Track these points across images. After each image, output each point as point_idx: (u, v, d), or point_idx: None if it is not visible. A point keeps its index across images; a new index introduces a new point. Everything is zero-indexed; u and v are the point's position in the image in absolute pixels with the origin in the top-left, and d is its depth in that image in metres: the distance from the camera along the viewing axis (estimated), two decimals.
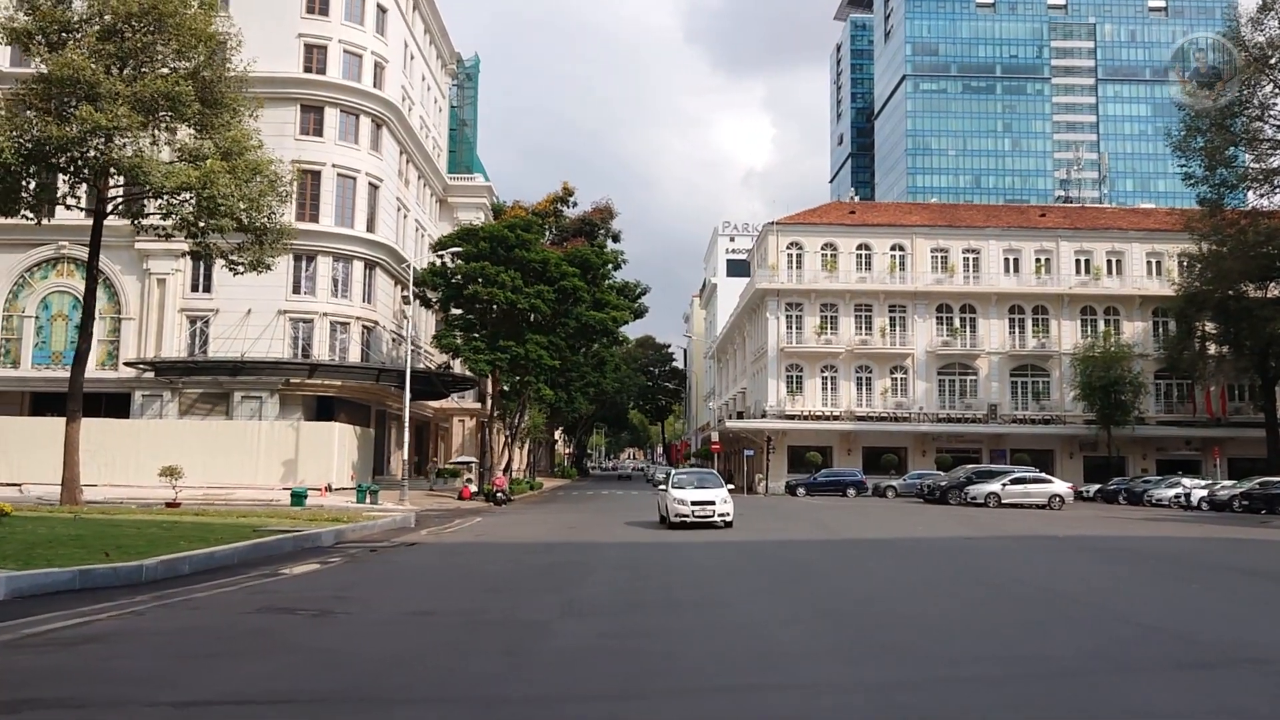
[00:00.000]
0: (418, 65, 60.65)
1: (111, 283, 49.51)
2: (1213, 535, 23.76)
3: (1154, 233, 65.12)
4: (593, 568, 15.74)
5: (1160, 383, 64.58)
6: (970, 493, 41.69)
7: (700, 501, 24.64)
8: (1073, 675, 7.31)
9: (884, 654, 8.36)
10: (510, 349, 46.66)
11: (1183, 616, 10.23)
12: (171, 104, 30.65)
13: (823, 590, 12.79)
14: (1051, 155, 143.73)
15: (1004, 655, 8.32)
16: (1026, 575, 14.49)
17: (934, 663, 7.90)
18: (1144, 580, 13.87)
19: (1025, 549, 18.95)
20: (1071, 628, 9.59)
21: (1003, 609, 10.94)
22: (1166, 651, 8.27)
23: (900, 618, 10.34)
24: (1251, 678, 7.24)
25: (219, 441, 45.15)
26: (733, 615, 10.53)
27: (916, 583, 13.84)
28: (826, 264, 65.74)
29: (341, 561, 16.89)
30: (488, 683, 7.15)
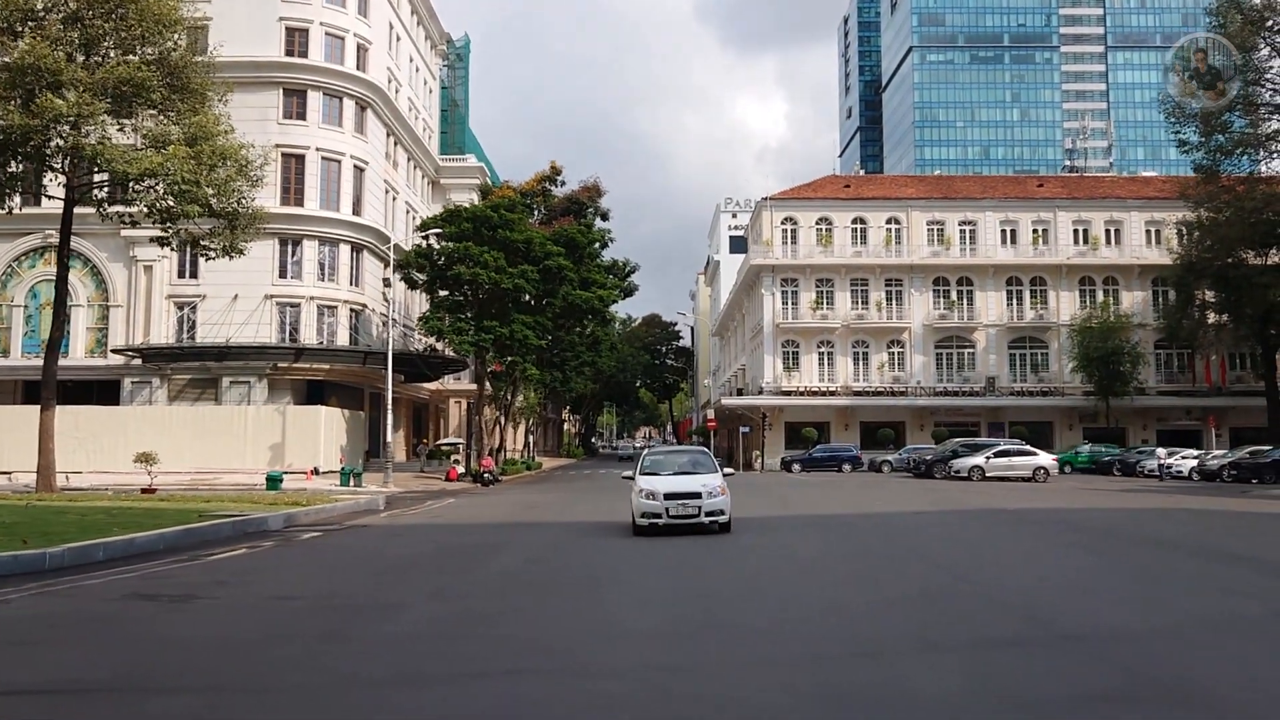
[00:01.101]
0: (405, 46, 60.40)
1: (99, 270, 49.68)
2: (1175, 506, 23.47)
3: (1153, 201, 64.29)
4: (506, 551, 15.65)
5: (1160, 353, 63.95)
6: (954, 466, 41.41)
7: (679, 494, 17.02)
8: (866, 656, 7.16)
9: (711, 632, 8.24)
10: (495, 329, 46.60)
11: (1044, 592, 9.99)
12: (135, 90, 30.63)
13: (712, 571, 12.65)
14: (1061, 125, 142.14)
15: (832, 635, 8.16)
16: (935, 551, 14.28)
17: (750, 642, 7.76)
18: (1047, 555, 13.60)
19: (964, 524, 18.76)
20: (921, 605, 9.40)
21: (872, 589, 10.72)
22: (987, 629, 8.06)
23: (762, 597, 10.19)
24: (1042, 656, 7.02)
25: (206, 427, 45.32)
26: (601, 596, 10.41)
27: (814, 559, 13.82)
28: (822, 239, 65.28)
29: (271, 546, 16.86)
30: (282, 667, 7.07)
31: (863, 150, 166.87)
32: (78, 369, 49.31)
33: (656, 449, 23.38)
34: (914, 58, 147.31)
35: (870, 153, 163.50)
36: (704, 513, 16.87)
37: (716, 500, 17.03)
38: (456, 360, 53.80)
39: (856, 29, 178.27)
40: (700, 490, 17.10)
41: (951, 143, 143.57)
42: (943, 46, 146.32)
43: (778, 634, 8.11)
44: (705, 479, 17.71)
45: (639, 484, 17.70)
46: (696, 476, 17.98)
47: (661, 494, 17.06)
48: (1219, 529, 17.63)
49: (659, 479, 17.89)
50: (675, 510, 16.81)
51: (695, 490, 17.12)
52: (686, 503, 16.86)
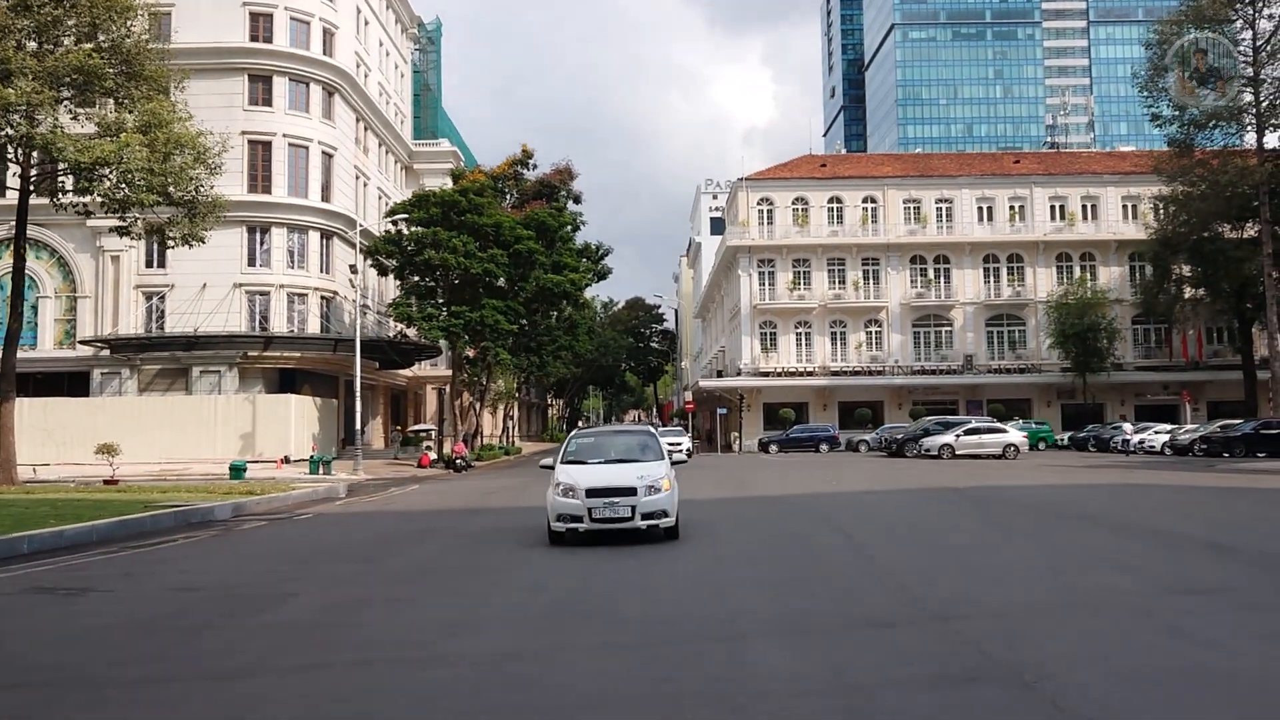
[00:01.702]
0: (373, 31, 59.88)
1: (65, 261, 49.28)
2: (1130, 482, 23.39)
3: (1129, 176, 64.14)
4: (432, 539, 15.50)
5: (1137, 328, 63.97)
6: (925, 445, 41.34)
7: (607, 490, 12.97)
8: (724, 640, 7.00)
9: (576, 617, 8.11)
10: (465, 315, 46.34)
11: (942, 571, 9.79)
12: (87, 78, 30.26)
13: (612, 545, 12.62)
14: (1044, 101, 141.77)
15: (693, 615, 8.02)
16: (856, 529, 14.07)
17: (606, 628, 7.62)
18: (965, 533, 13.39)
19: (904, 502, 18.58)
20: (811, 586, 9.26)
21: (768, 569, 10.59)
22: (865, 609, 7.91)
23: (643, 574, 10.10)
24: (905, 638, 6.87)
25: (176, 417, 45.05)
26: (506, 579, 10.27)
27: (730, 538, 13.87)
28: (798, 219, 65.05)
29: (208, 536, 16.69)
30: (136, 660, 6.94)
31: (846, 130, 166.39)
32: (46, 361, 48.97)
33: (587, 429, 17.63)
34: (896, 35, 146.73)
35: (854, 132, 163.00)
36: (639, 514, 12.74)
37: (658, 499, 12.88)
38: (430, 347, 53.54)
39: (839, 7, 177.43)
40: (635, 484, 12.84)
41: (934, 121, 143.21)
42: (925, 24, 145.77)
43: (645, 618, 7.96)
44: (645, 469, 13.42)
45: (556, 475, 13.53)
46: (634, 465, 13.69)
47: (583, 489, 12.87)
48: (1156, 505, 17.50)
49: (584, 469, 13.67)
50: (601, 512, 12.74)
51: (628, 485, 12.88)
52: (616, 501, 12.74)
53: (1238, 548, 10.97)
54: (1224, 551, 10.65)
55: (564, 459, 14.24)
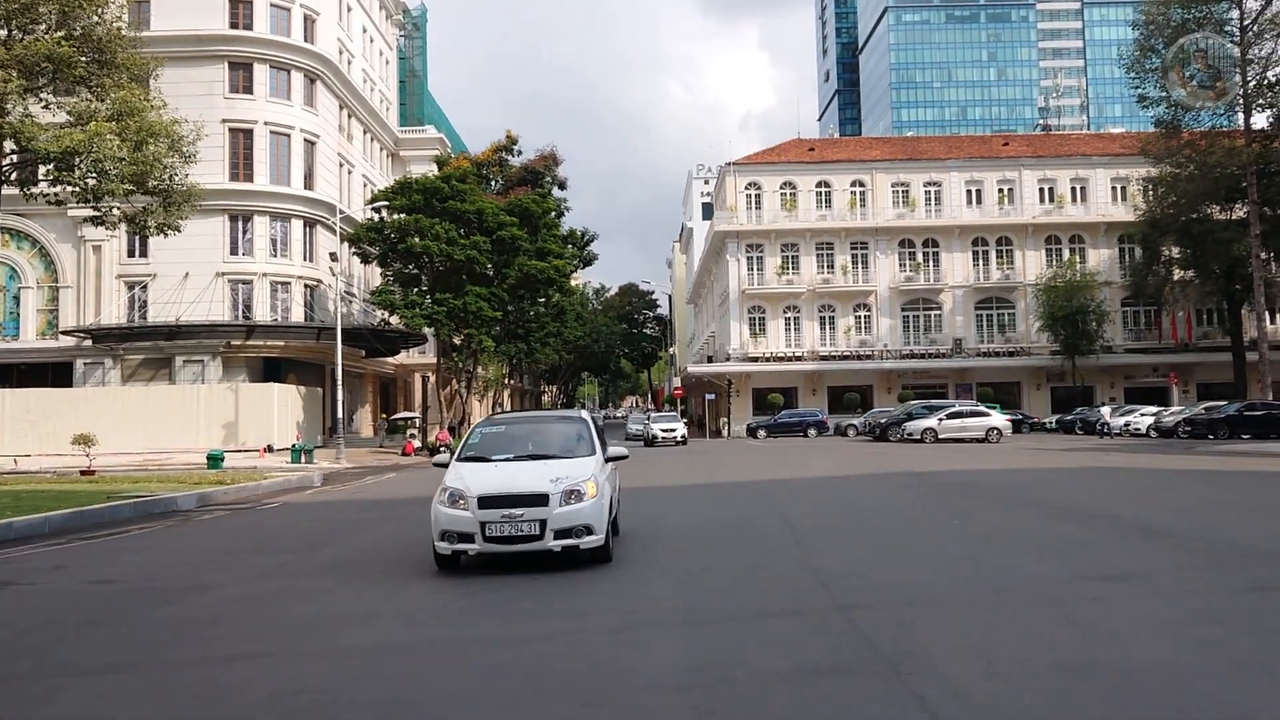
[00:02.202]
0: (357, 17, 59.50)
1: (47, 251, 49.04)
2: (1100, 465, 23.23)
3: (1118, 158, 63.82)
4: (384, 525, 15.39)
5: (1127, 310, 63.78)
6: (907, 429, 41.20)
7: (505, 497, 9.73)
8: (613, 632, 6.86)
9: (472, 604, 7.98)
10: (448, 302, 46.20)
11: (864, 561, 9.51)
12: (56, 66, 30.05)
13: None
14: (1038, 84, 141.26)
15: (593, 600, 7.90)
16: (799, 517, 13.83)
17: (497, 624, 7.49)
18: (905, 519, 13.16)
19: (860, 488, 18.37)
20: (732, 575, 9.09)
21: (695, 559, 10.45)
22: (772, 599, 7.71)
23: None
24: (798, 627, 6.71)
25: (159, 407, 44.89)
26: (410, 571, 10.14)
27: (673, 522, 13.75)
28: (786, 203, 64.79)
29: (161, 527, 16.53)
30: (13, 655, 6.79)
31: (841, 114, 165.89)
32: (29, 351, 48.84)
33: (500, 415, 13.85)
34: (890, 18, 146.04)
35: (849, 116, 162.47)
36: (552, 531, 9.48)
37: (579, 510, 9.62)
38: (415, 335, 53.34)
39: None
40: (547, 490, 9.60)
41: (929, 104, 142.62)
42: (918, 6, 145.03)
43: (536, 601, 7.84)
44: (565, 468, 10.16)
45: (445, 478, 10.29)
46: (551, 464, 10.34)
47: (475, 497, 9.58)
48: (1111, 489, 17.24)
49: (481, 469, 10.34)
50: (498, 528, 9.48)
51: (537, 490, 9.61)
52: (519, 514, 9.48)
53: (1172, 531, 10.80)
54: (1156, 536, 10.49)
55: (462, 455, 10.85)
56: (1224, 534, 10.60)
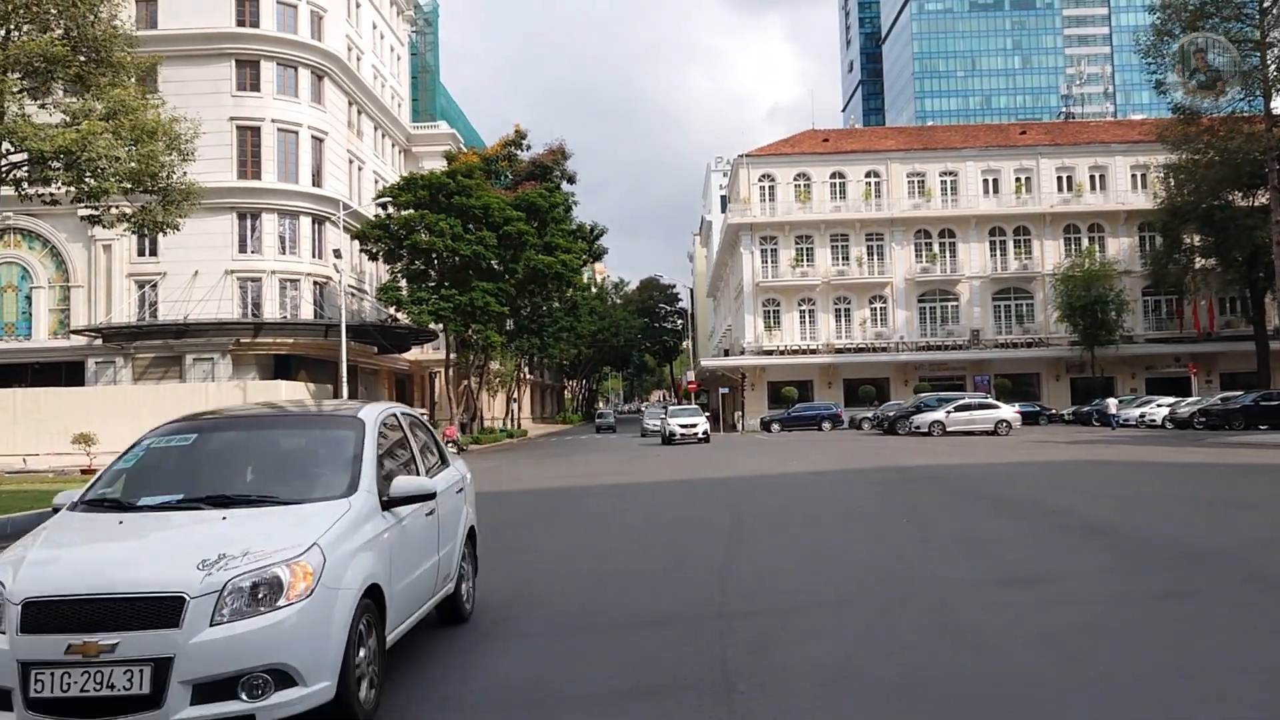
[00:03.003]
0: (366, 13, 59.43)
1: (58, 251, 49.32)
2: (1097, 458, 22.69)
3: (1138, 145, 62.64)
4: None
5: (1148, 299, 62.76)
6: (915, 422, 40.61)
7: (68, 605, 4.45)
8: (485, 638, 6.57)
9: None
10: (454, 298, 46.06)
11: (783, 564, 9.18)
12: (49, 64, 30.05)
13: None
14: (1064, 71, 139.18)
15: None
16: (751, 516, 13.46)
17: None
18: (863, 518, 12.69)
19: (834, 485, 17.83)
20: (641, 579, 8.77)
21: (620, 560, 10.12)
22: (660, 606, 7.33)
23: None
24: (659, 638, 6.38)
25: (168, 405, 44.86)
26: None
27: (619, 524, 13.37)
28: (800, 195, 64.22)
29: None
30: None
31: (865, 104, 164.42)
32: (41, 351, 49.16)
33: (203, 417, 7.17)
34: (912, 7, 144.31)
35: (872, 106, 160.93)
36: (181, 684, 4.38)
37: (263, 627, 4.54)
38: (425, 330, 53.22)
39: None
40: (182, 584, 4.51)
41: (952, 93, 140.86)
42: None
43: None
44: (254, 529, 5.01)
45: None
46: (232, 523, 5.13)
47: (18, 604, 4.54)
48: (1087, 483, 16.57)
49: (87, 532, 5.35)
50: (58, 680, 4.39)
51: (156, 588, 4.53)
52: (105, 645, 4.39)
53: (1117, 530, 10.33)
54: (1098, 534, 10.04)
55: (89, 496, 5.81)
56: (1171, 532, 10.14)
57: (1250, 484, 15.66)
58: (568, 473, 24.67)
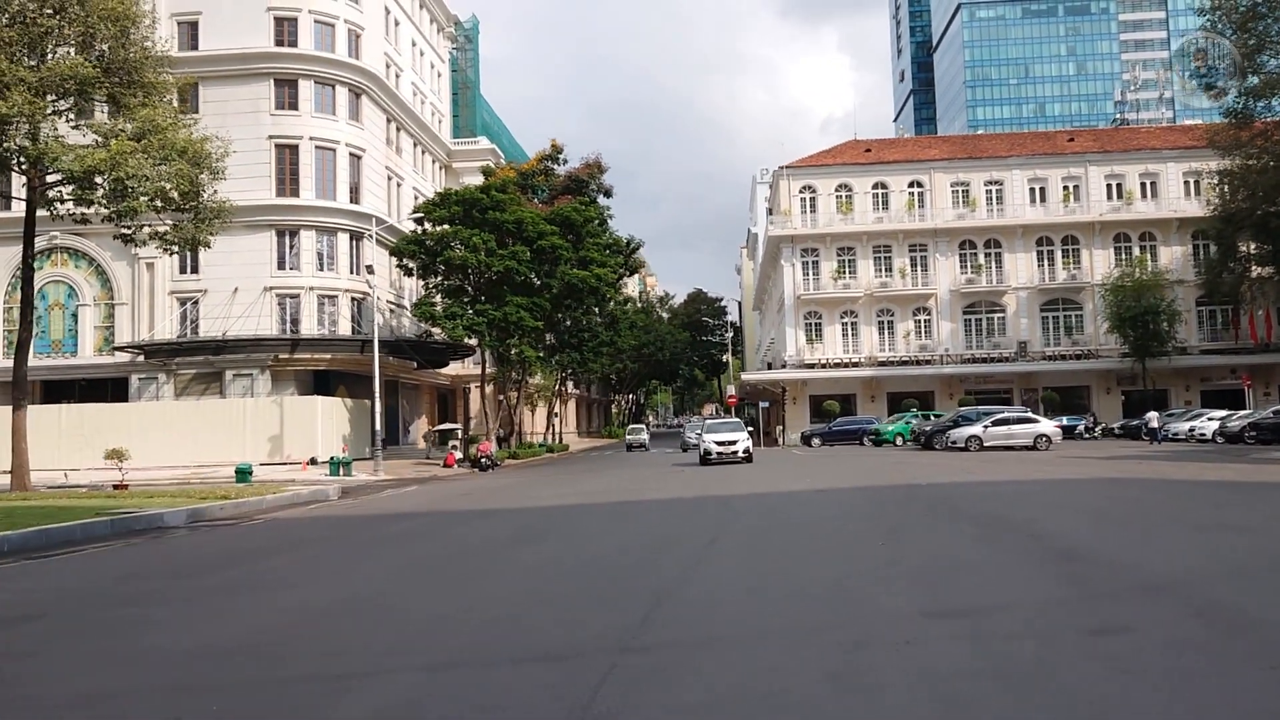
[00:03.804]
0: (405, 31, 59.92)
1: (103, 269, 50.22)
2: (1123, 475, 21.86)
3: (1190, 151, 61.02)
4: (309, 547, 14.99)
5: (1202, 309, 61.05)
6: (951, 437, 39.70)
7: None
8: (319, 679, 6.23)
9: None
10: (488, 312, 46.08)
11: (727, 592, 8.72)
12: (81, 86, 30.53)
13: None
14: (1120, 77, 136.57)
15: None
16: (731, 539, 13.03)
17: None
18: (842, 541, 12.09)
19: (836, 504, 16.98)
20: (555, 609, 8.39)
21: (542, 582, 9.78)
22: (564, 639, 7.01)
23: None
24: (527, 677, 6.02)
25: (207, 421, 45.64)
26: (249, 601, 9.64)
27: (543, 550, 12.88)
28: (842, 206, 63.50)
29: (122, 545, 16.38)
30: None
31: (917, 114, 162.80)
32: (87, 368, 50.07)
33: None
34: (963, 15, 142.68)
35: (924, 116, 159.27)
36: None
37: None
38: (462, 345, 53.31)
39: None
40: None
41: (1005, 101, 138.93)
42: (992, 2, 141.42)
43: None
44: None
45: None
46: None
47: None
48: (1090, 505, 15.57)
49: None
50: None
51: None
52: None
53: (1088, 556, 9.65)
54: (1066, 561, 9.37)
55: None
56: (1142, 559, 9.46)
57: (1259, 505, 14.83)
58: (579, 490, 24.36)
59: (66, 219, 33.21)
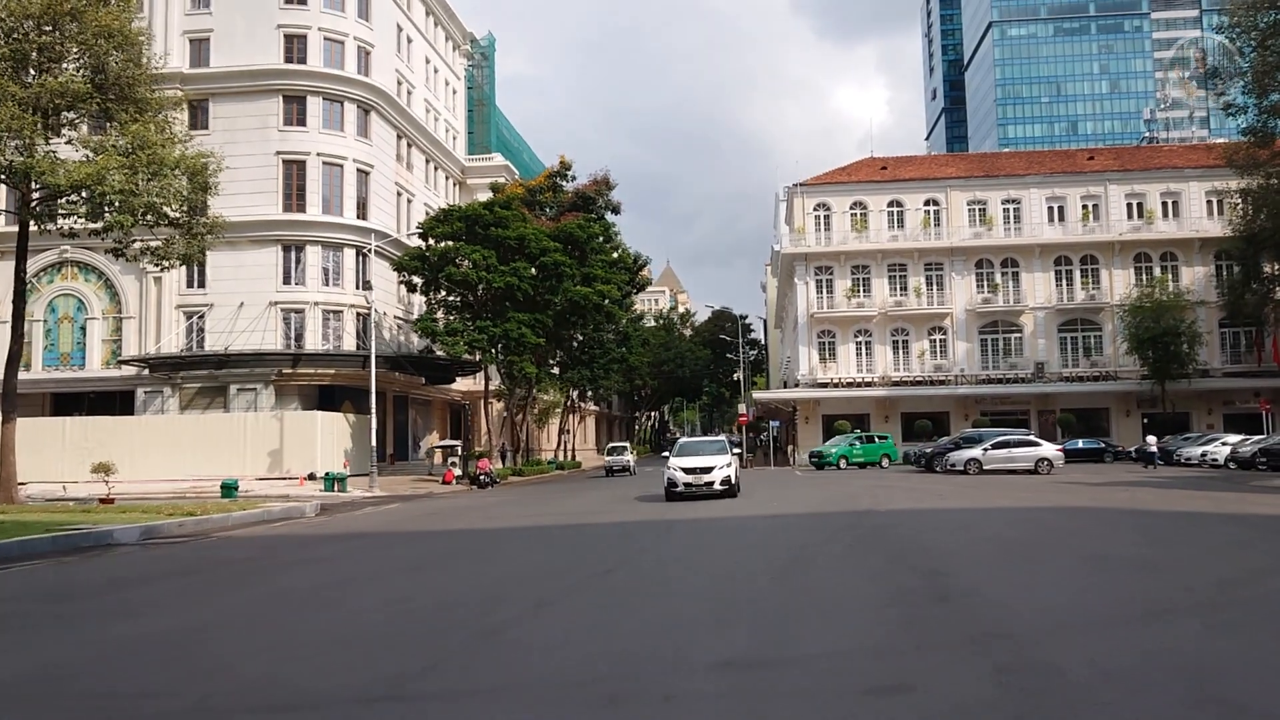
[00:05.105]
0: (418, 48, 60.07)
1: (112, 283, 50.56)
2: (1098, 505, 21.08)
3: (1213, 170, 59.64)
4: (227, 568, 14.68)
5: (1225, 331, 59.64)
6: (950, 460, 38.85)
7: None
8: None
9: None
10: (488, 329, 45.88)
11: (551, 634, 8.45)
12: (70, 102, 30.70)
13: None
14: (1154, 95, 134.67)
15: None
16: (621, 568, 12.63)
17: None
18: (733, 576, 11.53)
19: (769, 533, 16.49)
20: (345, 652, 7.99)
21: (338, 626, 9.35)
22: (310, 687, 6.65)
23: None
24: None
25: (209, 435, 45.73)
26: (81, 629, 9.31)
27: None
28: (856, 224, 62.80)
29: (44, 564, 16.16)
30: None
31: (948, 132, 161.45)
32: (94, 380, 50.38)
33: None
34: (994, 33, 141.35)
35: (956, 134, 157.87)
36: None
37: None
38: (469, 361, 53.13)
39: (938, 7, 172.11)
40: None
41: (1036, 120, 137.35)
42: (1024, 20, 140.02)
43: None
44: None
45: None
46: None
47: None
48: (1032, 536, 14.98)
49: None
50: None
51: None
52: None
53: (968, 597, 8.98)
54: (940, 602, 8.75)
55: None
56: (1017, 602, 8.71)
57: (1191, 542, 14.02)
58: (549, 511, 24.04)
59: (43, 233, 33.37)
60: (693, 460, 27.66)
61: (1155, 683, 6.04)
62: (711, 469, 26.99)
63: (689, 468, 27.23)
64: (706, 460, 27.50)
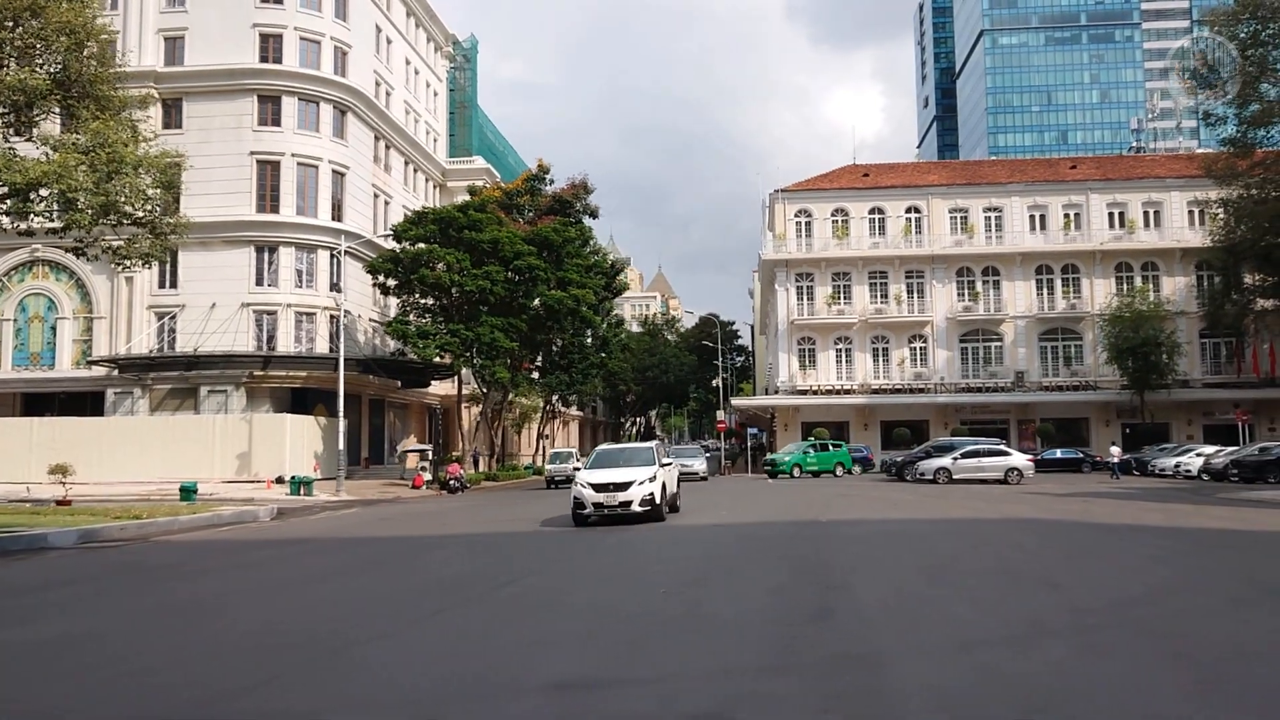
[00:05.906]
0: (398, 49, 59.74)
1: (83, 283, 50.14)
2: (1052, 517, 20.77)
3: (1194, 180, 59.42)
4: (140, 574, 14.34)
5: (1205, 342, 59.42)
6: (920, 469, 38.60)
7: None
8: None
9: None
10: (460, 332, 45.51)
11: (432, 649, 8.13)
12: (29, 98, 30.32)
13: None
14: (1145, 105, 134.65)
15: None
16: (528, 578, 12.35)
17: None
18: (643, 582, 11.49)
19: (705, 543, 16.33)
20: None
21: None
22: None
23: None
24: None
25: (177, 437, 45.28)
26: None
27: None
28: (838, 231, 62.55)
29: None
30: None
31: (940, 140, 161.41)
32: (64, 381, 49.92)
33: None
34: (985, 42, 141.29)
35: (947, 142, 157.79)
36: None
37: None
38: (444, 365, 52.72)
39: (931, 15, 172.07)
40: None
41: (1027, 129, 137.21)
42: (1015, 29, 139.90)
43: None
44: None
45: None
46: None
47: None
48: (959, 551, 14.72)
49: None
50: None
51: None
52: None
53: (836, 618, 8.60)
54: (819, 619, 8.46)
55: None
56: (884, 626, 8.44)
57: (1119, 557, 13.68)
58: (507, 517, 23.86)
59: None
60: (606, 474, 21.26)
61: (983, 709, 5.75)
62: (628, 485, 20.61)
63: (600, 483, 20.93)
64: (624, 474, 21.10)
